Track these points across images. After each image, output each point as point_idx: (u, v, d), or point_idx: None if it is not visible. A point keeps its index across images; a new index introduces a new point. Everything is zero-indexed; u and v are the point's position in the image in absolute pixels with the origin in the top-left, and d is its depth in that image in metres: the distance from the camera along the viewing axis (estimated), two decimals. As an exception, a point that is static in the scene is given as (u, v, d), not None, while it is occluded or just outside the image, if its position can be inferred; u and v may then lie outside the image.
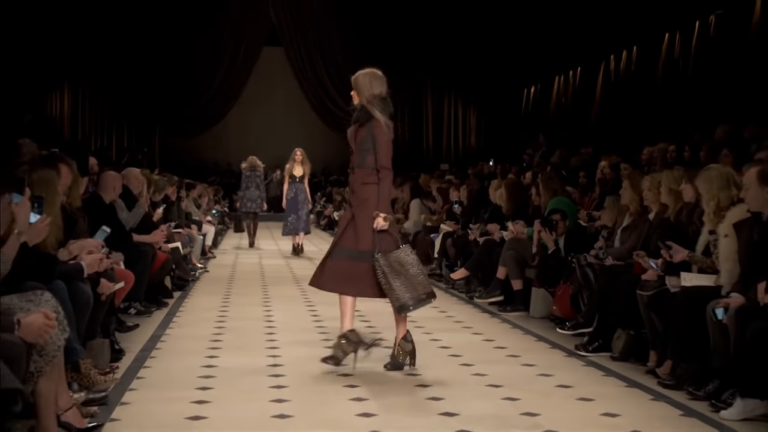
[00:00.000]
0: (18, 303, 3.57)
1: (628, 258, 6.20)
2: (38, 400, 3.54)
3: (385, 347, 5.82)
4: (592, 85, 18.56)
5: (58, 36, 21.71)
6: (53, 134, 19.99)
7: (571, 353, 6.18)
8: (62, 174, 4.83)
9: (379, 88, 5.63)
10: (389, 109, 5.63)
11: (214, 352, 6.08)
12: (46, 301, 3.63)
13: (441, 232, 10.99)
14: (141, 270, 7.22)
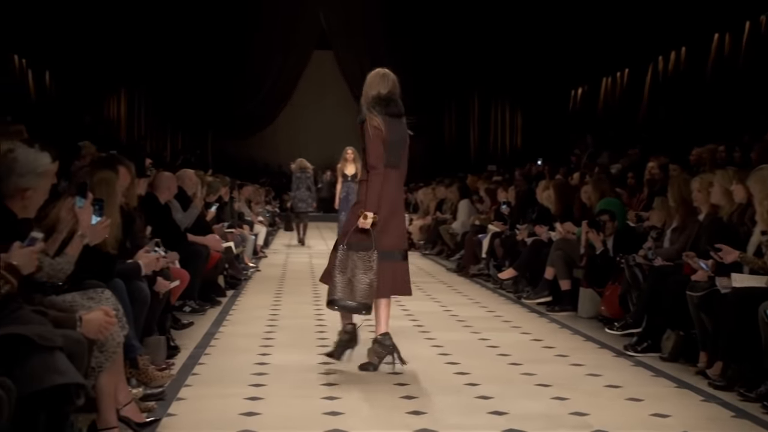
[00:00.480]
0: (80, 301, 3.64)
1: (678, 259, 6.11)
2: (99, 395, 3.60)
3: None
4: (640, 86, 18.33)
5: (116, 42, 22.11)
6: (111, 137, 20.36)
7: (620, 353, 6.11)
8: (121, 175, 4.90)
9: (379, 88, 5.60)
10: (393, 110, 5.54)
11: (267, 349, 6.13)
12: (106, 299, 3.70)
13: (489, 233, 10.95)
14: (195, 269, 7.28)
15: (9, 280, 2.90)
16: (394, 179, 5.55)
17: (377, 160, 5.43)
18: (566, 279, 8.16)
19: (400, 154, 5.56)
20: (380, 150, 5.41)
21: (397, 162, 5.54)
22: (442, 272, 12.05)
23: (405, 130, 5.61)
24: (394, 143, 5.48)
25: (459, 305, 8.60)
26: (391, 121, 5.52)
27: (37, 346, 2.79)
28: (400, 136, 5.55)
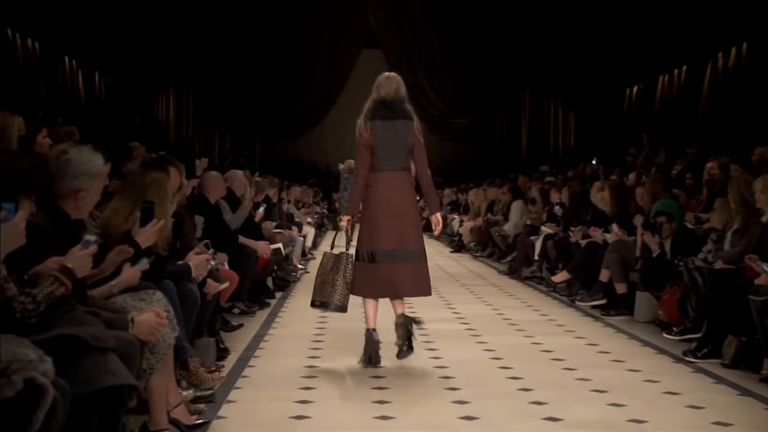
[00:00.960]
0: (131, 302, 3.70)
1: (740, 262, 6.00)
2: (150, 397, 3.66)
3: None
4: (699, 83, 18.00)
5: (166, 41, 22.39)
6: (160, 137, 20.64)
7: (679, 359, 6.02)
8: (171, 176, 4.97)
9: (380, 91, 5.84)
10: (384, 113, 5.73)
11: (316, 352, 6.16)
12: (157, 300, 3.75)
13: (541, 234, 10.87)
14: (244, 270, 7.34)
15: (64, 282, 2.95)
16: (392, 181, 5.70)
17: (359, 162, 5.73)
18: (622, 282, 8.07)
19: (398, 157, 5.71)
20: (361, 155, 5.68)
21: (394, 164, 5.70)
22: (493, 275, 12.00)
23: (404, 132, 5.71)
24: (384, 146, 5.67)
25: (511, 308, 8.56)
26: (383, 124, 5.69)
27: (90, 347, 2.83)
28: (396, 138, 5.68)
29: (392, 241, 5.67)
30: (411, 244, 5.73)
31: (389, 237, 5.66)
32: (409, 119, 5.79)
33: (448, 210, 20.59)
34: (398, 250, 5.68)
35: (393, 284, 5.74)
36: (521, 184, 14.73)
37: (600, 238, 8.76)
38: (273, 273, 9.54)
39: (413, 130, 5.76)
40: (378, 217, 5.67)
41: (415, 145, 5.75)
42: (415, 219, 5.81)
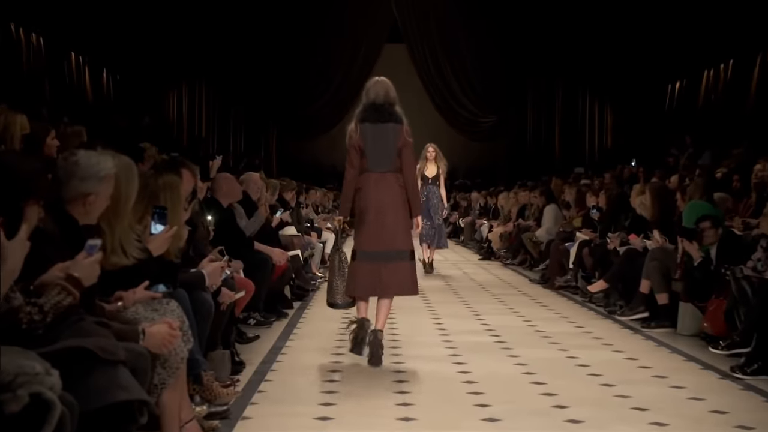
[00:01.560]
0: (143, 312, 3.71)
1: (792, 271, 5.94)
2: (162, 413, 3.66)
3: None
4: (747, 79, 17.85)
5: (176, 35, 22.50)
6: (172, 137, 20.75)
7: (726, 375, 5.96)
8: (184, 179, 4.99)
9: (368, 95, 6.37)
10: (372, 117, 6.26)
11: (337, 365, 6.16)
12: (171, 310, 3.76)
13: (576, 241, 10.82)
14: (261, 279, 7.34)
15: (71, 292, 2.97)
16: (381, 182, 6.23)
17: (347, 164, 6.33)
18: (663, 292, 8.01)
19: (387, 159, 6.24)
20: (350, 157, 6.27)
21: (382, 166, 6.24)
22: (524, 284, 11.96)
23: (393, 135, 6.22)
24: (373, 149, 6.22)
25: (544, 320, 8.52)
26: (371, 127, 6.24)
27: (100, 360, 2.85)
28: (384, 141, 6.21)
29: (380, 242, 6.18)
30: (398, 244, 6.22)
31: (377, 237, 6.18)
32: (398, 122, 6.29)
33: (477, 215, 20.55)
34: (386, 250, 6.18)
35: (380, 284, 6.23)
36: (554, 188, 14.68)
37: (640, 245, 8.70)
38: (291, 281, 9.55)
39: (402, 133, 6.26)
40: (367, 218, 6.21)
41: (403, 148, 6.26)
42: (404, 220, 6.26)
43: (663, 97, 22.97)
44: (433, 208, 13.11)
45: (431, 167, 13.22)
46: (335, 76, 28.91)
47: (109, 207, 3.67)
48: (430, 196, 13.09)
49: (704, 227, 7.52)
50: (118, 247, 3.74)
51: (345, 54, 28.77)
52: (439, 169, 13.18)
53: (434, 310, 9.17)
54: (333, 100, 29.25)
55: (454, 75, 28.59)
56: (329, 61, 28.65)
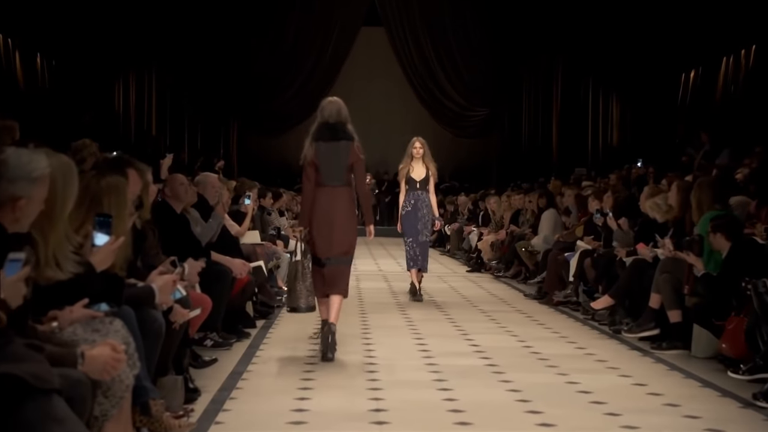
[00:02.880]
0: (82, 333, 3.68)
1: (822, 284, 5.98)
2: (104, 448, 3.64)
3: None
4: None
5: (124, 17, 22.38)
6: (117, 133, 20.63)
7: (748, 404, 5.99)
8: (131, 181, 4.96)
9: (322, 114, 7.83)
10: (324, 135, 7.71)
11: (305, 393, 6.15)
12: (115, 331, 3.74)
13: (578, 250, 10.86)
14: (219, 294, 7.32)
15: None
16: (332, 195, 7.68)
17: (304, 180, 7.78)
18: (676, 309, 8.04)
19: (338, 174, 7.68)
20: (307, 173, 7.71)
21: (334, 180, 7.67)
22: (518, 299, 11.99)
23: (345, 152, 7.67)
24: (326, 165, 7.66)
25: (541, 340, 8.55)
26: (325, 145, 7.67)
27: (31, 389, 2.82)
28: (335, 158, 7.65)
29: (331, 249, 7.64)
30: (345, 250, 7.72)
31: (329, 245, 7.64)
32: (349, 140, 7.70)
33: (465, 221, 20.59)
34: (336, 256, 7.66)
35: (331, 285, 7.66)
36: (552, 190, 14.73)
37: (649, 256, 8.74)
38: (254, 297, 9.53)
39: (353, 149, 7.68)
40: (321, 228, 7.67)
41: (354, 164, 7.71)
42: (349, 229, 7.73)
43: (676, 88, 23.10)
44: (423, 220, 11.73)
45: (419, 168, 11.79)
46: (305, 63, 28.88)
47: (43, 213, 3.62)
48: (419, 205, 11.72)
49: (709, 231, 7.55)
50: (52, 260, 3.70)
51: (316, 38, 28.78)
52: (429, 171, 11.77)
53: (416, 329, 9.18)
54: (302, 90, 29.21)
55: (439, 62, 28.65)
56: (298, 47, 28.63)
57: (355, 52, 29.47)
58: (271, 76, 28.37)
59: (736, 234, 7.58)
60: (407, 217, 11.80)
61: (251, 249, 9.93)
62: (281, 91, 28.88)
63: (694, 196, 8.27)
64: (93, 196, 4.38)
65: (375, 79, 29.93)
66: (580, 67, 27.15)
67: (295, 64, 28.73)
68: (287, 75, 28.70)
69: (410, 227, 11.74)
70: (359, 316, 10.06)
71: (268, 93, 28.64)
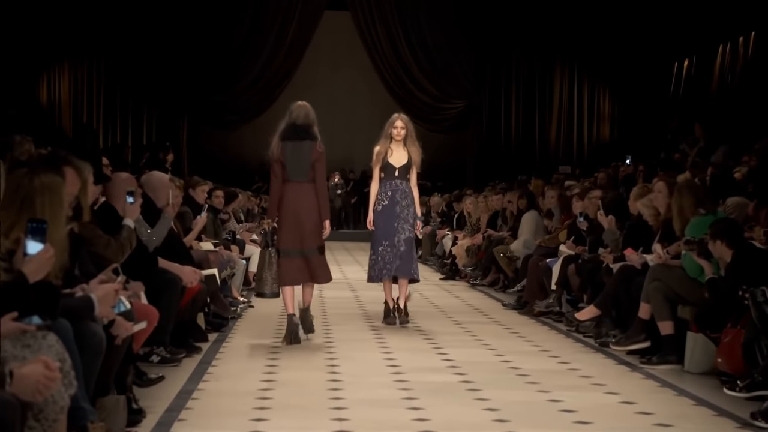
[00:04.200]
0: (11, 350, 3.64)
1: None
2: (36, 477, 3.60)
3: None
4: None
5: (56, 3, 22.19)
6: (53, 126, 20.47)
7: (746, 424, 6.02)
8: (68, 180, 4.92)
9: (291, 116, 9.23)
10: (289, 135, 9.11)
11: (262, 413, 6.13)
12: (48, 346, 3.71)
13: (561, 256, 10.89)
14: (167, 305, 7.29)
15: None
16: (298, 191, 9.07)
17: (272, 177, 9.21)
18: (667, 320, 8.07)
19: (303, 171, 9.04)
20: (274, 170, 9.14)
21: (299, 176, 9.05)
22: (496, 309, 12.02)
23: (309, 151, 9.04)
24: (291, 162, 9.05)
25: (520, 354, 8.57)
26: (291, 144, 9.07)
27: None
28: (298, 156, 9.04)
29: (297, 242, 9.06)
30: (311, 243, 9.11)
31: (295, 238, 9.06)
32: (313, 140, 9.11)
33: (438, 224, 20.61)
34: (302, 249, 9.07)
35: (302, 274, 9.12)
36: (534, 190, 14.77)
37: (638, 262, 8.78)
38: (206, 308, 9.49)
39: (316, 149, 9.08)
40: (287, 221, 9.08)
41: (316, 162, 9.07)
42: (316, 222, 9.10)
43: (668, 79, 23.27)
44: (402, 215, 10.38)
45: (399, 152, 10.52)
46: (262, 50, 28.78)
47: None
48: (398, 198, 10.43)
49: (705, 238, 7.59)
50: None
51: (275, 23, 28.67)
52: (411, 157, 10.54)
53: (384, 342, 9.18)
54: (260, 80, 29.12)
55: (410, 49, 28.65)
56: (255, 32, 28.52)
57: (317, 39, 29.40)
58: (225, 64, 28.23)
59: (739, 240, 7.62)
60: (383, 214, 10.38)
61: (203, 255, 9.89)
62: (236, 81, 28.77)
63: (675, 201, 8.34)
64: (25, 196, 4.34)
65: (340, 69, 29.94)
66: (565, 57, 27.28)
67: (252, 51, 28.60)
68: (243, 63, 28.57)
69: (385, 226, 10.33)
70: (322, 329, 10.03)
71: (221, 83, 28.51)
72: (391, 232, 10.32)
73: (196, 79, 27.84)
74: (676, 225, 8.28)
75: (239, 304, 11.21)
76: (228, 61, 28.27)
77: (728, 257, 7.49)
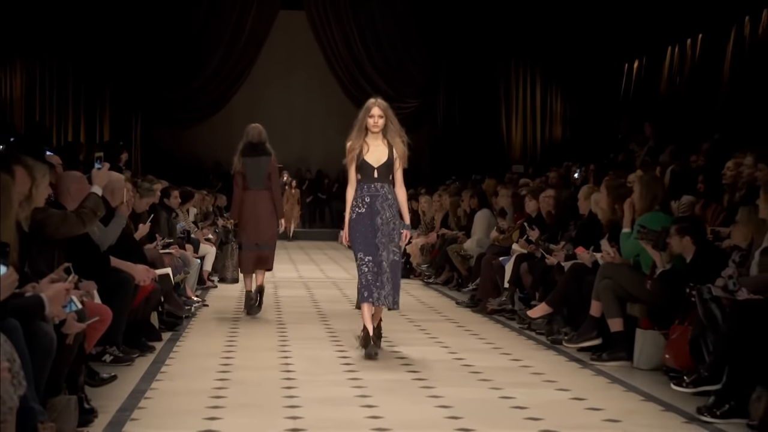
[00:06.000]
0: (-41, 349, 3.60)
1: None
2: (-15, 478, 3.56)
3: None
4: (719, 58, 18.31)
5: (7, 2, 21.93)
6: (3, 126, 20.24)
7: (692, 419, 6.09)
8: (18, 179, 4.87)
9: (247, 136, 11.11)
10: (247, 151, 10.99)
11: (216, 412, 6.10)
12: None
13: (513, 254, 10.93)
14: (120, 304, 7.26)
15: None
16: (257, 197, 10.99)
17: (234, 186, 11.23)
18: (617, 317, 8.13)
19: (260, 180, 10.96)
20: (236, 180, 11.11)
21: (257, 185, 10.98)
22: (450, 307, 12.05)
23: (265, 165, 10.95)
24: (251, 174, 10.96)
25: (473, 352, 8.59)
26: (249, 160, 10.95)
27: None
28: (256, 169, 10.94)
29: (256, 237, 11.02)
30: (268, 240, 11.10)
31: (254, 235, 11.02)
32: (268, 155, 10.99)
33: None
34: (259, 243, 11.01)
35: (257, 263, 11.06)
36: (487, 189, 14.81)
37: (589, 260, 8.83)
38: (159, 307, 9.43)
39: (272, 163, 11.02)
40: (248, 221, 11.05)
41: (272, 173, 11.03)
42: (270, 222, 11.06)
43: (619, 80, 23.42)
44: (385, 228, 8.39)
45: (377, 147, 8.58)
46: (217, 48, 28.63)
47: None
48: (378, 205, 8.45)
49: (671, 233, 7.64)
50: None
51: (230, 21, 28.55)
52: (394, 151, 8.59)
53: (338, 340, 9.17)
54: (214, 78, 28.97)
55: (366, 49, 28.63)
56: (210, 30, 28.36)
57: (272, 38, 29.30)
58: (179, 62, 28.03)
59: (703, 238, 7.70)
60: (359, 224, 8.42)
61: (157, 254, 9.82)
62: (191, 79, 28.59)
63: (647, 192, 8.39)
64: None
65: (295, 68, 29.82)
66: (518, 58, 27.39)
67: (207, 49, 28.42)
68: (197, 61, 28.40)
69: (364, 239, 8.36)
70: (276, 327, 10.02)
71: (175, 81, 28.31)
72: (371, 247, 8.29)
73: (150, 76, 27.62)
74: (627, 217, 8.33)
75: (193, 303, 11.16)
76: (182, 59, 28.06)
77: (690, 254, 7.56)
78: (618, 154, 17.02)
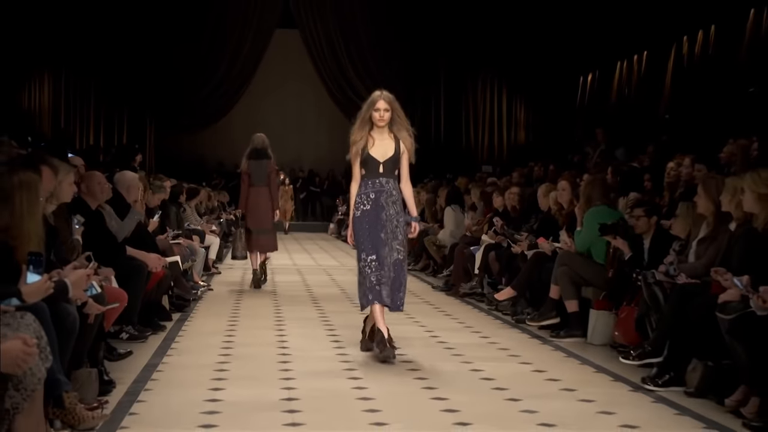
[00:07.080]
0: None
1: (705, 275, 6.12)
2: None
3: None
4: (661, 72, 18.40)
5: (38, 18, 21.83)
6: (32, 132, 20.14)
7: (638, 387, 6.13)
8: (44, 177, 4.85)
9: (253, 143, 12.13)
10: (252, 155, 12.03)
11: (219, 383, 6.10)
12: (26, 324, 3.65)
13: (482, 245, 10.95)
14: (135, 288, 7.24)
15: None
16: (259, 192, 12.02)
17: (242, 183, 12.18)
18: (573, 299, 8.18)
19: (262, 178, 12.00)
20: (244, 179, 12.11)
21: (260, 183, 12.02)
22: (427, 291, 12.06)
23: (266, 166, 12.02)
24: (254, 174, 12.01)
25: (447, 330, 8.61)
26: (254, 162, 12.02)
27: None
28: (259, 170, 12.00)
29: (259, 224, 12.05)
30: (267, 225, 12.13)
31: (258, 221, 12.04)
32: (268, 159, 12.06)
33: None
34: (261, 228, 12.04)
35: (259, 245, 12.16)
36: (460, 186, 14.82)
37: (549, 249, 8.87)
38: (169, 291, 9.42)
39: (271, 165, 12.10)
40: (252, 210, 12.06)
41: (271, 173, 12.10)
42: (269, 212, 12.09)
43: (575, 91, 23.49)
44: (390, 225, 7.25)
45: (383, 141, 7.39)
46: (220, 63, 28.65)
47: None
48: (383, 201, 7.27)
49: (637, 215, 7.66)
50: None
51: (231, 39, 28.53)
52: (401, 145, 7.36)
53: (328, 320, 9.17)
54: (217, 90, 28.99)
55: (351, 63, 28.67)
56: (214, 47, 28.36)
57: (270, 54, 29.30)
58: (187, 75, 28.08)
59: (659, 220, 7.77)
60: (364, 221, 7.25)
61: (167, 244, 9.81)
62: (197, 90, 28.62)
63: (583, 192, 8.45)
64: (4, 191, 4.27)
65: (289, 80, 29.79)
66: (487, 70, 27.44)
67: (211, 64, 28.49)
68: (203, 75, 28.47)
69: (370, 236, 7.19)
70: (273, 308, 10.01)
71: (183, 92, 28.34)
72: (377, 244, 7.14)
73: (162, 88, 27.62)
74: (580, 212, 8.39)
75: (200, 288, 11.15)
76: (191, 73, 28.10)
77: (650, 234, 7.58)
78: (574, 155, 17.08)
